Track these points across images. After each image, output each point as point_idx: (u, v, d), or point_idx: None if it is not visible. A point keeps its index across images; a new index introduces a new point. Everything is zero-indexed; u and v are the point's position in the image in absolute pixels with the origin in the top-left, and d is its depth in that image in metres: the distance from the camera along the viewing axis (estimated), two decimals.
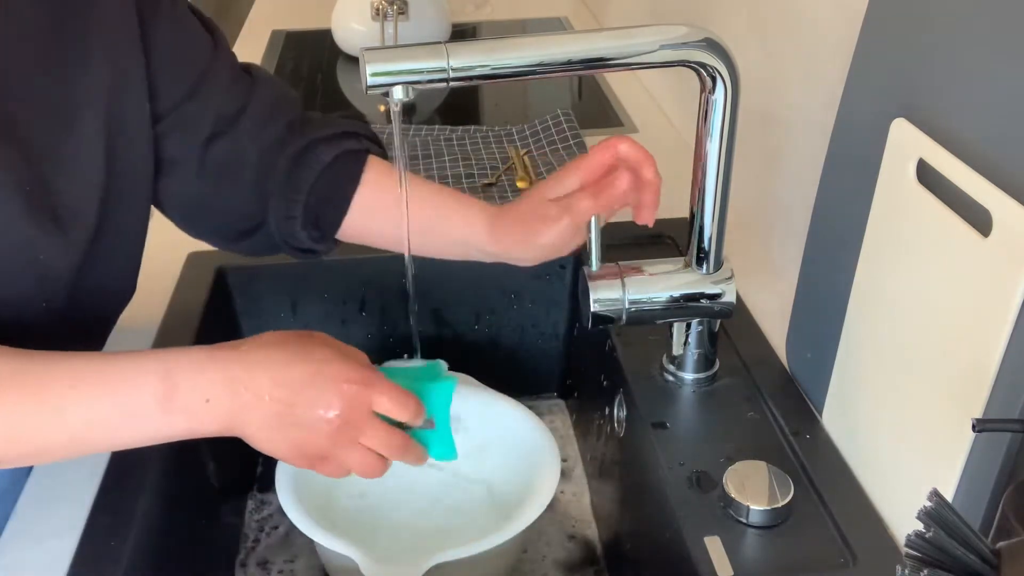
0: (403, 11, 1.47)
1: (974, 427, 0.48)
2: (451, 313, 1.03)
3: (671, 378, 0.80)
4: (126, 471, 0.72)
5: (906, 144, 0.60)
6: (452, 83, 0.63)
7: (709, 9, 1.11)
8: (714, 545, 0.64)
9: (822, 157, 0.71)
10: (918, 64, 0.60)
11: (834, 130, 0.70)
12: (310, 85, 1.49)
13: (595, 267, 0.73)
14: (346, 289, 1.00)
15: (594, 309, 0.73)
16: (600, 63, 0.65)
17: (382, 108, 1.39)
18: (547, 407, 1.08)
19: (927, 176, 0.58)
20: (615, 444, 0.86)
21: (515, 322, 1.05)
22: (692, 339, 0.78)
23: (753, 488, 0.66)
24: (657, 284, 0.74)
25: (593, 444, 0.95)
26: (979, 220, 0.53)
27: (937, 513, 0.41)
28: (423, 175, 1.13)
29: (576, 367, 1.04)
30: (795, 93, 0.89)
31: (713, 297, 0.75)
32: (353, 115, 1.38)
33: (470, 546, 0.73)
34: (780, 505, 0.65)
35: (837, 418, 0.72)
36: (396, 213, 0.77)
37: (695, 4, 1.16)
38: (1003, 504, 0.48)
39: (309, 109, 1.36)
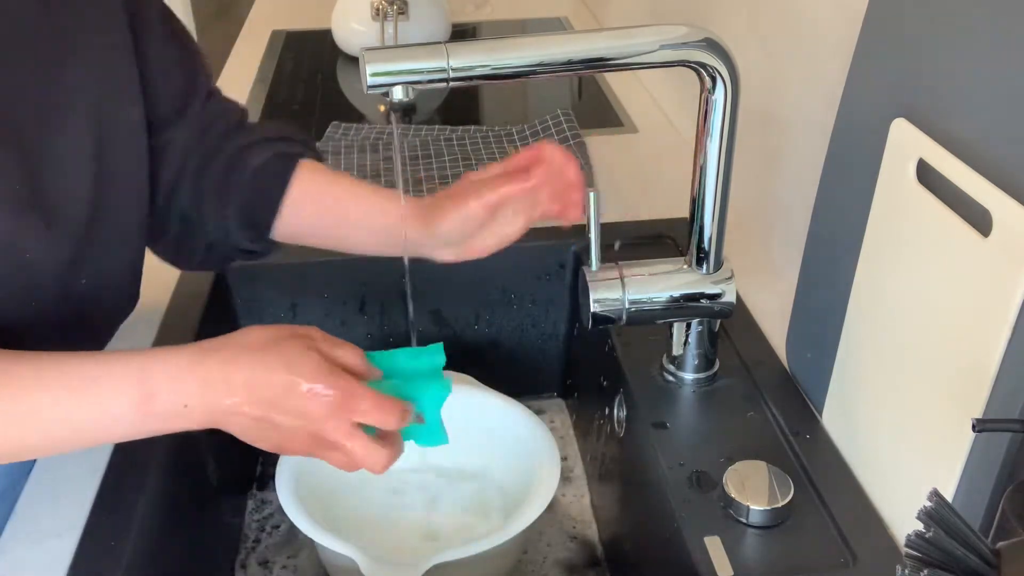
0: (403, 11, 1.47)
1: (974, 427, 0.48)
2: (451, 313, 1.03)
3: (671, 378, 0.80)
4: (126, 471, 0.72)
5: (906, 144, 0.60)
6: (452, 83, 0.63)
7: (709, 9, 1.11)
8: (714, 545, 0.64)
9: (822, 157, 0.71)
10: (918, 64, 0.60)
11: (834, 130, 0.70)
12: (310, 85, 1.49)
13: (595, 267, 0.73)
14: (346, 289, 1.00)
15: (594, 309, 0.73)
16: (600, 63, 0.65)
17: (382, 108, 1.39)
18: (547, 407, 1.08)
19: (927, 176, 0.58)
20: (615, 444, 0.86)
21: (515, 322, 1.05)
22: (692, 339, 0.78)
23: (753, 488, 0.67)
24: (657, 284, 0.74)
25: (593, 444, 0.95)
26: (979, 220, 0.53)
27: (937, 513, 0.41)
28: (423, 175, 1.13)
29: (576, 367, 1.04)
30: (795, 93, 0.89)
31: (713, 297, 0.75)
32: (353, 115, 1.38)
33: (470, 546, 0.73)
34: (780, 505, 0.65)
35: (837, 418, 0.72)
36: (329, 213, 0.79)
37: (695, 4, 1.16)
38: (1003, 504, 0.48)
39: (309, 109, 1.39)
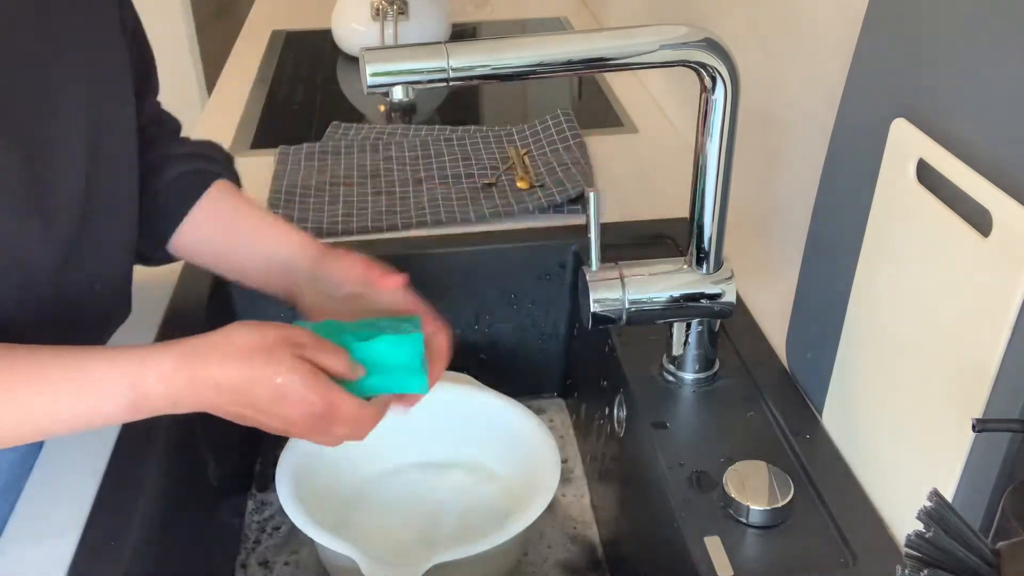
0: (403, 11, 1.47)
1: (974, 427, 0.48)
2: (451, 313, 1.03)
3: (671, 378, 0.80)
4: (126, 471, 0.72)
5: (906, 144, 0.60)
6: (452, 83, 0.63)
7: (709, 9, 1.11)
8: (714, 545, 0.64)
9: (822, 157, 0.71)
10: (918, 64, 0.60)
11: (834, 130, 0.70)
12: (310, 85, 1.49)
13: (595, 267, 0.73)
14: None
15: (594, 309, 0.73)
16: (600, 63, 0.65)
17: (382, 108, 1.39)
18: (547, 407, 1.08)
19: (927, 176, 0.58)
20: (615, 444, 0.86)
21: (515, 322, 1.05)
22: (692, 339, 0.78)
23: (753, 488, 0.66)
24: (657, 284, 0.74)
25: (593, 444, 0.95)
26: (979, 220, 0.53)
27: (937, 513, 0.41)
28: (423, 175, 1.13)
29: (576, 367, 1.04)
30: (795, 93, 0.89)
31: (713, 297, 0.75)
32: (353, 115, 1.38)
33: (470, 546, 0.73)
34: (780, 505, 0.65)
35: (837, 418, 0.72)
36: (229, 235, 0.79)
37: (695, 4, 1.16)
38: (1003, 504, 0.48)
39: (309, 109, 1.39)
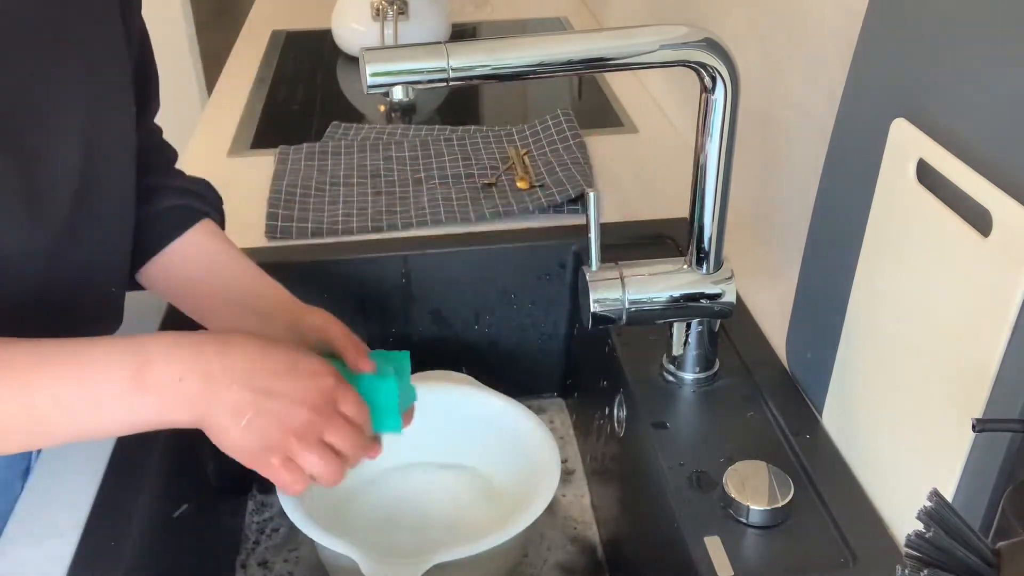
0: (403, 11, 1.47)
1: (974, 427, 0.48)
2: (451, 313, 1.03)
3: (671, 378, 0.80)
4: (126, 471, 0.72)
5: (906, 144, 0.60)
6: (452, 83, 0.63)
7: (709, 9, 1.11)
8: (714, 545, 0.64)
9: (822, 157, 0.71)
10: (918, 64, 0.60)
11: (834, 130, 0.70)
12: (310, 85, 1.49)
13: (595, 267, 0.73)
14: (346, 289, 1.00)
15: (594, 309, 0.73)
16: (600, 63, 0.65)
17: (382, 108, 1.39)
18: (547, 407, 1.08)
19: (927, 176, 0.58)
20: (615, 444, 0.86)
21: (515, 322, 1.05)
22: (692, 339, 0.78)
23: (753, 488, 0.66)
24: (657, 284, 0.74)
25: (593, 444, 0.95)
26: (979, 220, 0.53)
27: (937, 513, 0.41)
28: (423, 175, 1.13)
29: (576, 367, 1.04)
30: (795, 93, 0.89)
31: (713, 297, 0.75)
32: (353, 115, 1.38)
33: (470, 546, 0.73)
34: (780, 505, 0.65)
35: (837, 418, 0.72)
36: (203, 277, 0.77)
37: (695, 4, 1.16)
38: (1003, 504, 0.48)
39: (309, 109, 1.39)
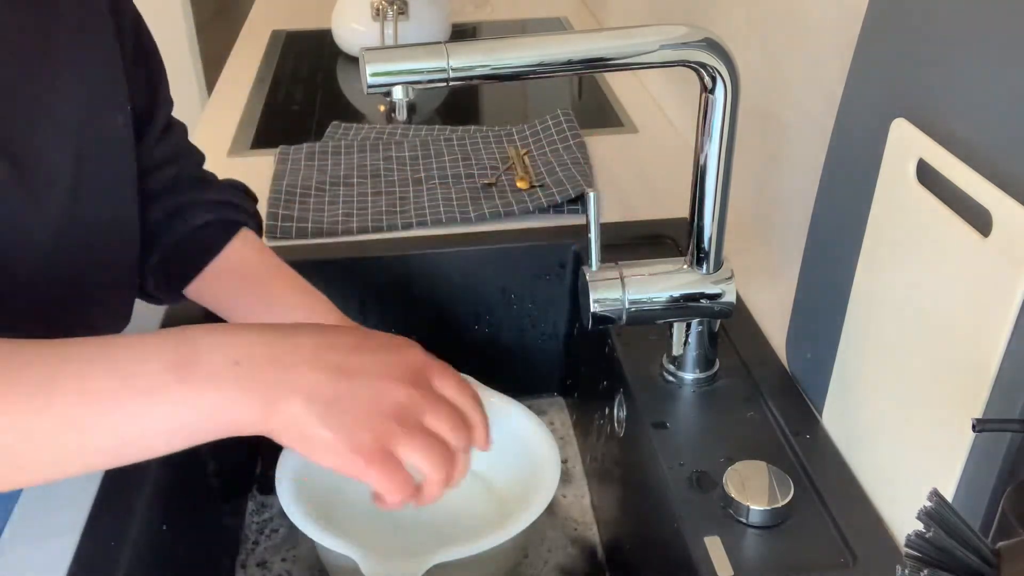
0: (403, 11, 1.47)
1: (974, 427, 0.48)
2: (451, 313, 1.03)
3: (671, 378, 0.80)
4: (126, 471, 0.71)
5: (906, 144, 0.60)
6: (452, 83, 0.63)
7: (709, 9, 1.11)
8: (714, 545, 0.64)
9: (822, 157, 0.71)
10: (918, 64, 0.60)
11: (834, 130, 0.70)
12: (310, 85, 1.49)
13: (595, 267, 0.73)
14: (346, 289, 1.00)
15: (594, 309, 0.73)
16: (600, 63, 0.65)
17: (382, 108, 1.39)
18: (547, 407, 1.08)
19: (927, 176, 0.58)
20: (615, 444, 0.86)
21: (515, 322, 1.05)
22: (692, 339, 0.78)
23: (753, 488, 0.66)
24: (657, 284, 0.74)
25: (593, 444, 0.95)
26: (979, 220, 0.53)
27: (937, 513, 0.41)
28: (423, 175, 1.13)
29: (576, 367, 1.04)
30: (795, 93, 0.89)
31: (713, 297, 0.75)
32: (353, 115, 1.38)
33: (470, 546, 0.73)
34: (780, 505, 0.65)
35: (837, 418, 0.72)
36: (247, 291, 0.77)
37: (695, 4, 1.16)
38: (1003, 504, 0.48)
39: (309, 109, 1.39)
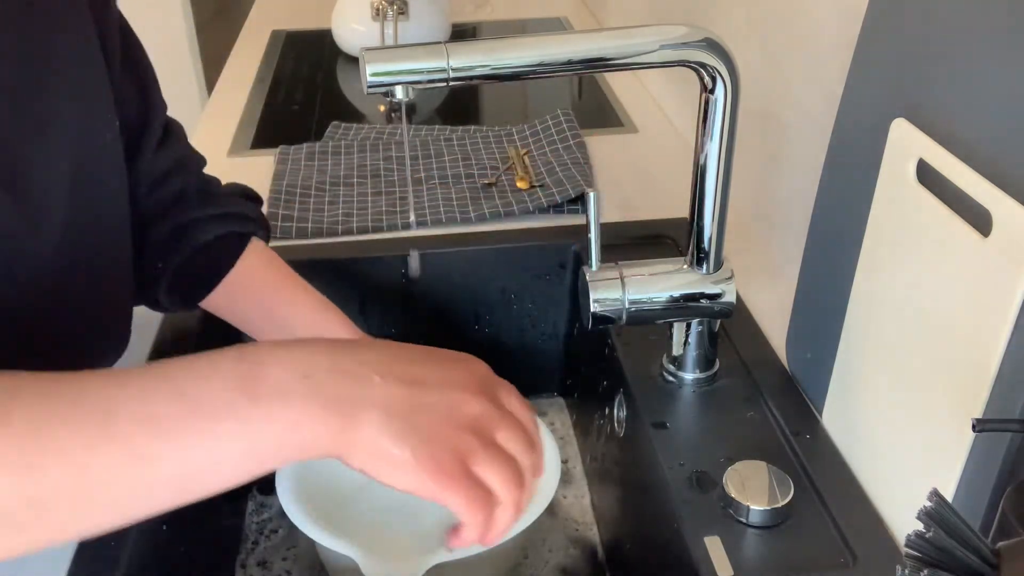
0: (403, 11, 1.47)
1: (974, 427, 0.48)
2: (451, 313, 1.03)
3: (671, 378, 0.80)
4: None
5: (906, 144, 0.60)
6: (452, 83, 0.63)
7: (709, 9, 1.11)
8: (714, 545, 0.64)
9: (822, 157, 0.71)
10: (918, 64, 0.60)
11: (834, 130, 0.70)
12: (310, 85, 1.49)
13: (595, 267, 0.73)
14: (346, 289, 1.00)
15: (594, 309, 0.73)
16: (600, 63, 0.65)
17: (382, 108, 1.39)
18: (547, 407, 1.08)
19: (927, 176, 0.58)
20: (615, 444, 0.86)
21: (515, 322, 1.05)
22: (692, 339, 0.78)
23: (753, 488, 0.66)
24: (657, 284, 0.74)
25: (593, 444, 0.95)
26: (979, 220, 0.53)
27: (937, 513, 0.41)
28: (423, 175, 1.13)
29: (576, 367, 1.04)
30: (795, 93, 0.89)
31: (713, 297, 0.75)
32: (353, 115, 1.38)
33: (470, 546, 0.73)
34: (780, 505, 0.65)
35: (837, 418, 0.72)
36: (264, 298, 0.77)
37: (695, 4, 1.16)
38: (1003, 504, 0.48)
39: (309, 109, 1.39)
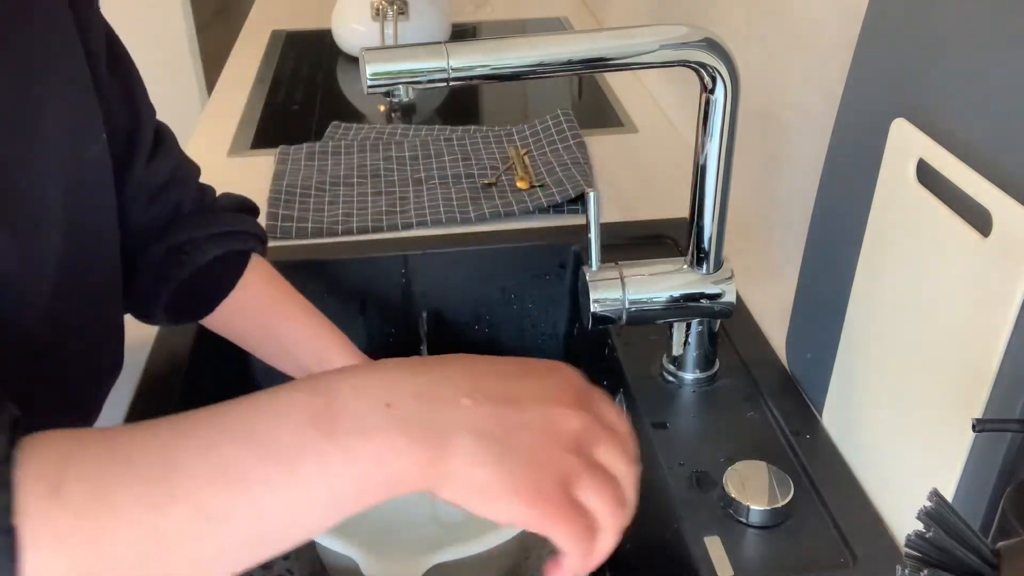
0: (403, 11, 1.47)
1: (974, 427, 0.48)
2: (451, 313, 1.03)
3: (671, 378, 0.80)
4: None
5: (906, 144, 0.60)
6: (452, 83, 0.63)
7: (709, 9, 1.11)
8: (714, 545, 0.64)
9: (822, 157, 0.71)
10: (918, 64, 0.60)
11: (834, 130, 0.70)
12: (310, 85, 1.49)
13: (595, 267, 0.73)
14: (346, 289, 1.00)
15: (594, 309, 0.73)
16: (600, 63, 0.65)
17: (382, 108, 1.39)
18: None
19: (927, 176, 0.58)
20: None
21: (515, 322, 1.05)
22: (692, 339, 0.78)
23: (753, 488, 0.66)
24: (657, 284, 0.74)
25: None
26: (979, 220, 0.53)
27: (937, 513, 0.41)
28: (423, 175, 1.13)
29: (576, 367, 1.04)
30: (795, 93, 0.89)
31: (713, 297, 0.75)
32: (353, 115, 1.38)
33: (470, 546, 0.73)
34: (780, 505, 0.65)
35: (837, 418, 0.72)
36: (264, 318, 0.76)
37: (695, 4, 1.16)
38: (1003, 504, 0.48)
39: (309, 109, 1.39)
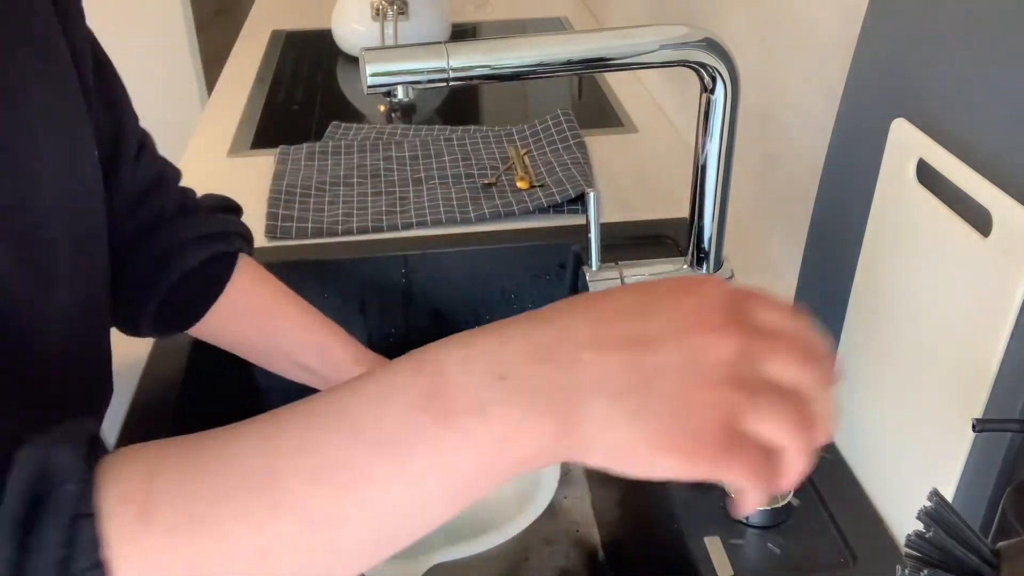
0: (403, 11, 1.47)
1: (974, 427, 0.48)
2: (451, 313, 1.03)
3: None
4: None
5: (906, 144, 0.60)
6: (452, 83, 0.63)
7: (709, 9, 1.11)
8: (714, 545, 0.64)
9: (822, 157, 0.71)
10: (918, 64, 0.60)
11: (834, 130, 0.70)
12: (310, 85, 1.49)
13: (595, 267, 0.73)
14: (346, 289, 1.00)
15: None
16: (600, 63, 0.65)
17: (382, 108, 1.39)
18: None
19: (927, 176, 0.58)
20: None
21: None
22: None
23: None
24: None
25: None
26: (979, 220, 0.53)
27: (937, 513, 0.41)
28: (423, 175, 1.13)
29: None
30: (795, 93, 0.89)
31: None
32: (353, 115, 1.38)
33: (470, 546, 0.73)
34: (780, 505, 0.65)
35: (837, 418, 0.72)
36: (257, 319, 0.75)
37: (695, 4, 1.16)
38: (1003, 504, 0.48)
39: (309, 109, 1.39)
